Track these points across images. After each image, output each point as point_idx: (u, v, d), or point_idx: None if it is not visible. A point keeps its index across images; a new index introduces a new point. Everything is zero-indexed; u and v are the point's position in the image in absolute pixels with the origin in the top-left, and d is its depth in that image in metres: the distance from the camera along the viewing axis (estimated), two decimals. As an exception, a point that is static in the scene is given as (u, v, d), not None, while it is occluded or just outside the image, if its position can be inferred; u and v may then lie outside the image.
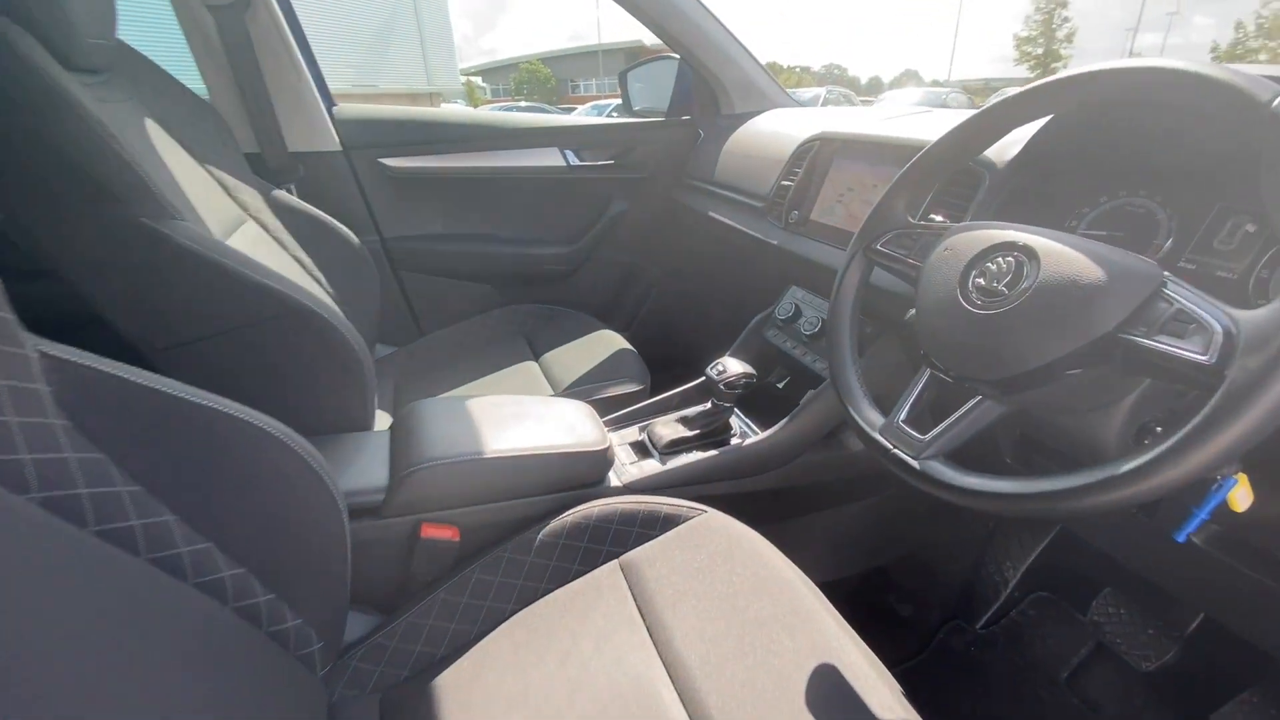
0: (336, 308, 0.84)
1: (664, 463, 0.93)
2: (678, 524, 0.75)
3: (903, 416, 0.60)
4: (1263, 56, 31.13)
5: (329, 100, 1.43)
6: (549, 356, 1.34)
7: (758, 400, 1.08)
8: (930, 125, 0.98)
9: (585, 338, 1.40)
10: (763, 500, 1.02)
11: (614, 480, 0.88)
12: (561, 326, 1.47)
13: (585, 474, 0.84)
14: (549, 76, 40.82)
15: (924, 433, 0.57)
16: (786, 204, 1.12)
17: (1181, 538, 0.52)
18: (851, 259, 0.72)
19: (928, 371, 0.61)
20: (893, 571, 1.27)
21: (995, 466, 0.57)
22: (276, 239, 1.03)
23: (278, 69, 1.31)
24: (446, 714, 0.58)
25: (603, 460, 0.84)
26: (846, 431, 1.03)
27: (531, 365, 1.31)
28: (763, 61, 1.55)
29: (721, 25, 1.45)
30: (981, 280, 0.54)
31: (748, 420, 1.05)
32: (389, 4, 18.83)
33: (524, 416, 0.85)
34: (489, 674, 0.61)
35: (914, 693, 0.57)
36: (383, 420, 1.09)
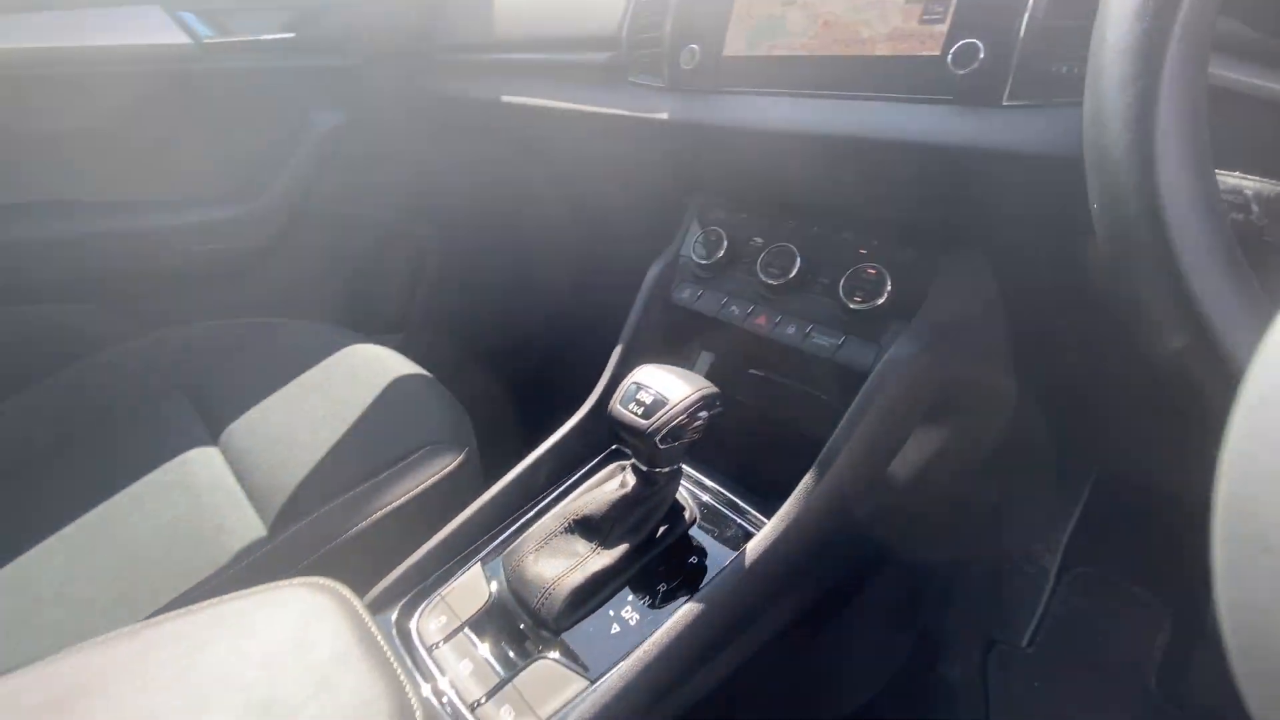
0: None
1: (589, 676, 0.47)
2: None
3: None
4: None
5: None
6: (242, 428, 0.73)
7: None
8: None
9: (314, 372, 0.77)
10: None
11: None
12: (262, 359, 0.82)
13: None
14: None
15: None
16: (668, 39, 0.63)
17: None
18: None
19: None
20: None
21: None
22: None
23: None
24: None
25: None
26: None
27: (207, 455, 0.71)
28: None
29: None
30: None
31: (714, 484, 0.60)
32: None
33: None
34: None
35: None
36: None
